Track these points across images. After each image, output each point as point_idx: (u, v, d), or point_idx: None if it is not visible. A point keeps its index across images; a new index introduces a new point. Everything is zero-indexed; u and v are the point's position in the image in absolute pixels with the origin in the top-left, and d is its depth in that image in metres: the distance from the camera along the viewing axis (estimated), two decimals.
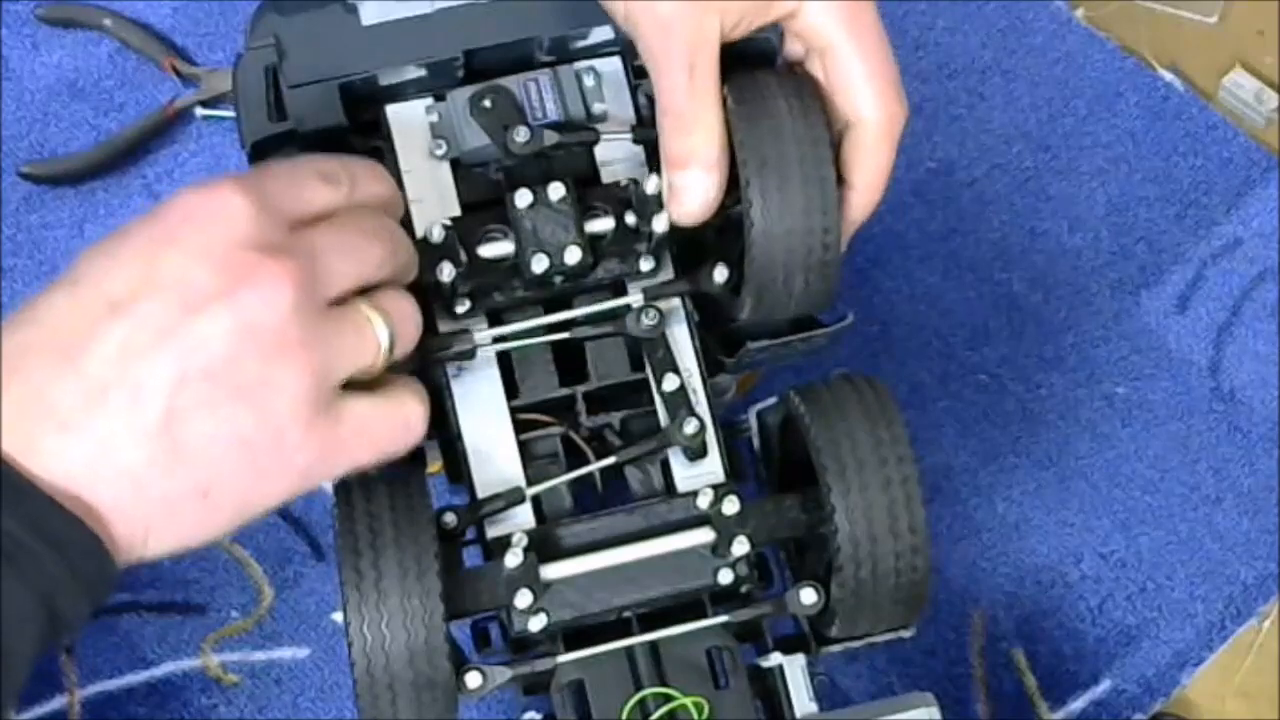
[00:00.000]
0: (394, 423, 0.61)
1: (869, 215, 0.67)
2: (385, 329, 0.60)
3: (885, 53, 0.64)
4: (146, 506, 0.56)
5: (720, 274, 0.67)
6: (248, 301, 0.55)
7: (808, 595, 0.66)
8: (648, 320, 0.67)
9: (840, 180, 0.65)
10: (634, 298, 0.68)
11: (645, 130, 0.68)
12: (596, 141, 0.68)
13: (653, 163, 0.69)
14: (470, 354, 0.67)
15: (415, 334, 0.62)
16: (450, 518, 0.66)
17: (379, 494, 0.63)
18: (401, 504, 0.63)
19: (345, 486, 0.65)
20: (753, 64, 0.66)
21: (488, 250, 0.66)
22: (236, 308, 0.55)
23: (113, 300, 0.55)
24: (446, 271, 0.65)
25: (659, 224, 0.66)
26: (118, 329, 0.55)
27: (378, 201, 0.63)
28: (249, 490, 0.58)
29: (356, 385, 0.60)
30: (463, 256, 0.66)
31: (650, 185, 0.66)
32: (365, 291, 0.60)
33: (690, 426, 0.67)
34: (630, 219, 0.67)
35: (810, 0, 0.64)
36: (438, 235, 0.65)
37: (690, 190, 0.65)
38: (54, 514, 0.54)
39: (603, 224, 0.67)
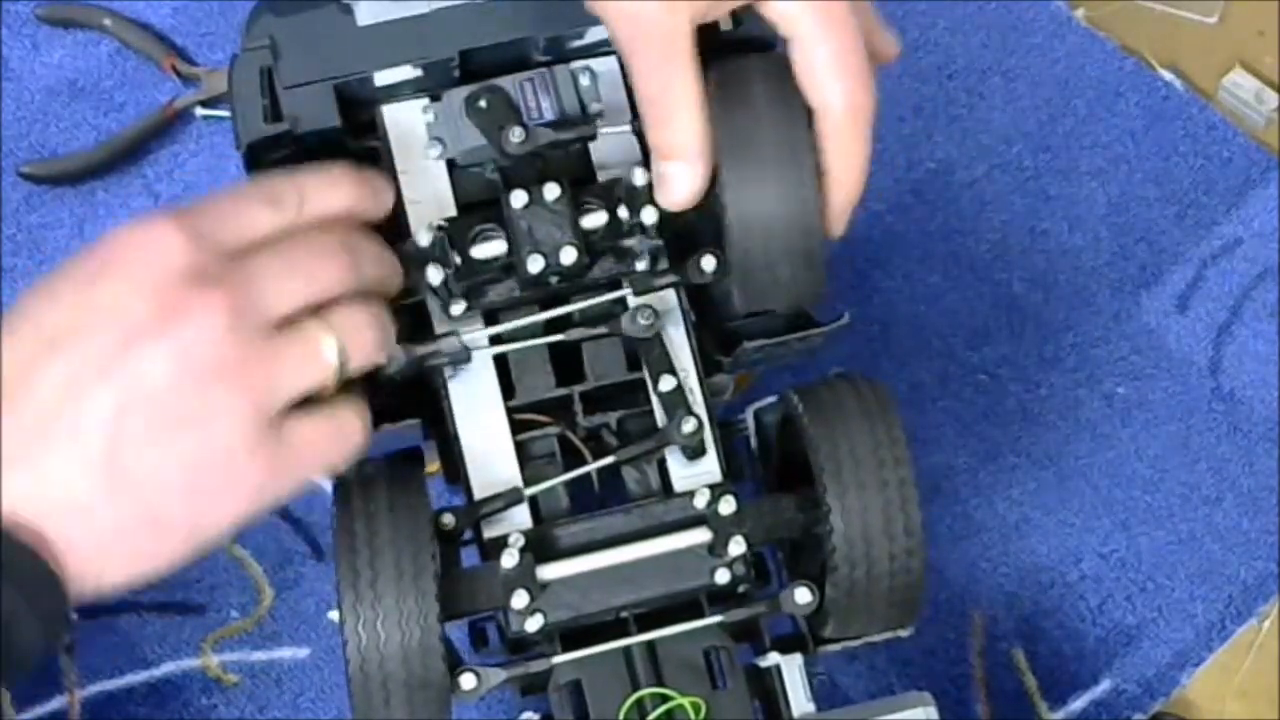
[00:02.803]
0: (336, 439, 0.62)
1: (850, 203, 0.66)
2: (334, 345, 0.60)
3: (852, 42, 0.63)
4: (97, 537, 0.56)
5: (709, 263, 0.67)
6: (183, 331, 0.56)
7: (802, 595, 0.66)
8: (643, 320, 0.67)
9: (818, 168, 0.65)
10: (628, 291, 0.68)
11: (639, 134, 0.68)
12: (593, 138, 0.68)
13: (643, 156, 0.69)
14: (465, 357, 0.67)
15: (376, 347, 0.63)
16: (448, 518, 0.66)
17: (378, 493, 0.64)
18: (400, 504, 0.63)
19: (344, 486, 0.65)
20: (748, 51, 0.66)
21: (480, 251, 0.66)
22: (172, 338, 0.56)
23: (50, 337, 0.56)
24: (435, 275, 0.65)
25: (648, 216, 0.66)
26: (56, 365, 0.56)
27: (337, 213, 0.63)
28: (199, 516, 0.58)
29: (305, 401, 0.60)
30: (455, 258, 0.66)
31: (638, 177, 0.66)
32: (323, 308, 0.61)
33: (689, 425, 0.67)
34: (623, 212, 0.67)
35: None
36: (425, 239, 0.66)
37: (676, 179, 0.65)
38: (7, 546, 0.54)
39: (595, 219, 0.67)
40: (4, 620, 0.54)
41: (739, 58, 0.65)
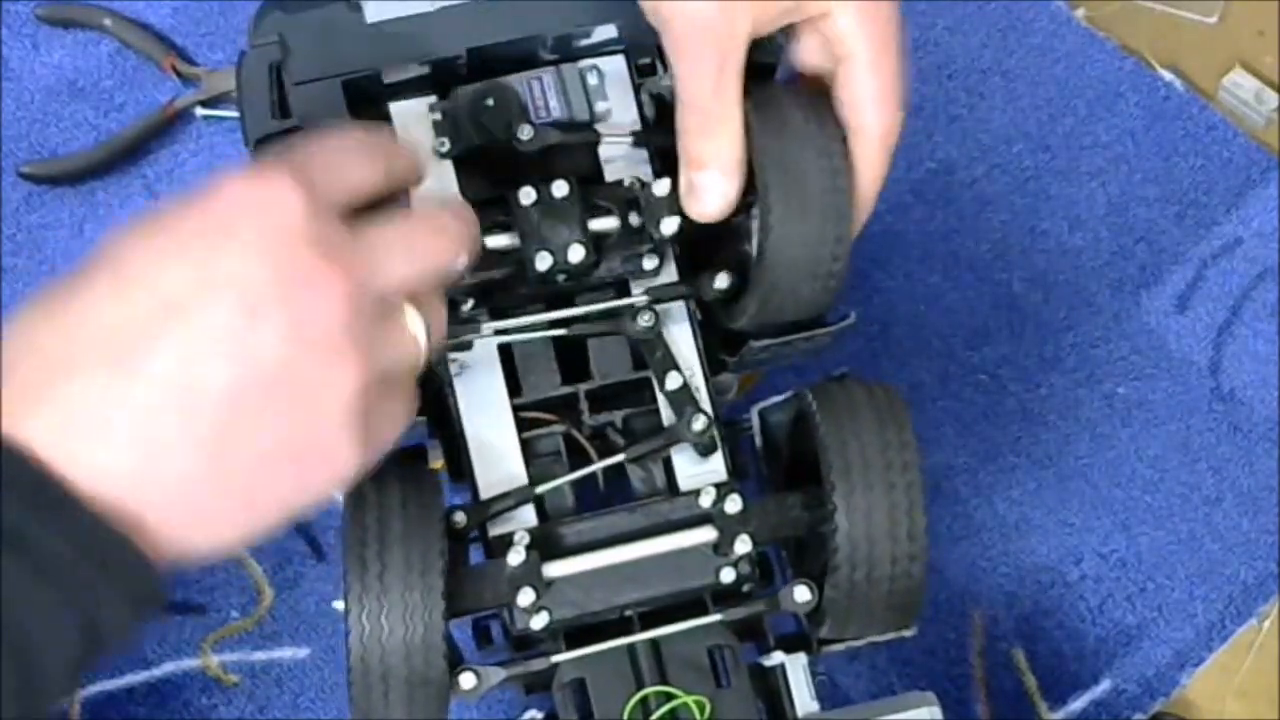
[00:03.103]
0: (406, 417, 0.60)
1: (866, 216, 0.67)
2: (425, 333, 0.58)
3: (900, 66, 0.64)
4: (192, 516, 0.54)
5: (722, 281, 0.67)
6: (305, 304, 0.53)
7: (801, 593, 0.66)
8: (644, 322, 0.67)
9: None
10: (637, 298, 0.68)
11: (647, 134, 0.68)
12: (599, 143, 0.68)
13: (658, 164, 0.69)
14: (468, 345, 0.67)
15: (442, 339, 0.61)
16: (460, 517, 0.65)
17: (391, 488, 0.63)
18: (413, 500, 0.63)
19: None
20: (753, 74, 0.66)
21: (493, 241, 0.66)
22: (294, 311, 0.53)
23: (167, 301, 0.53)
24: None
25: (667, 227, 0.66)
26: (173, 335, 0.52)
27: (410, 176, 0.61)
28: (296, 491, 0.56)
29: None
30: None
31: (659, 188, 0.66)
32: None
33: (699, 423, 0.67)
34: (634, 219, 0.67)
35: (841, 1, 0.63)
36: None
37: (709, 191, 0.64)
38: (99, 530, 0.52)
39: (607, 223, 0.67)
40: (92, 607, 0.52)
41: (762, 81, 0.66)
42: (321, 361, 0.54)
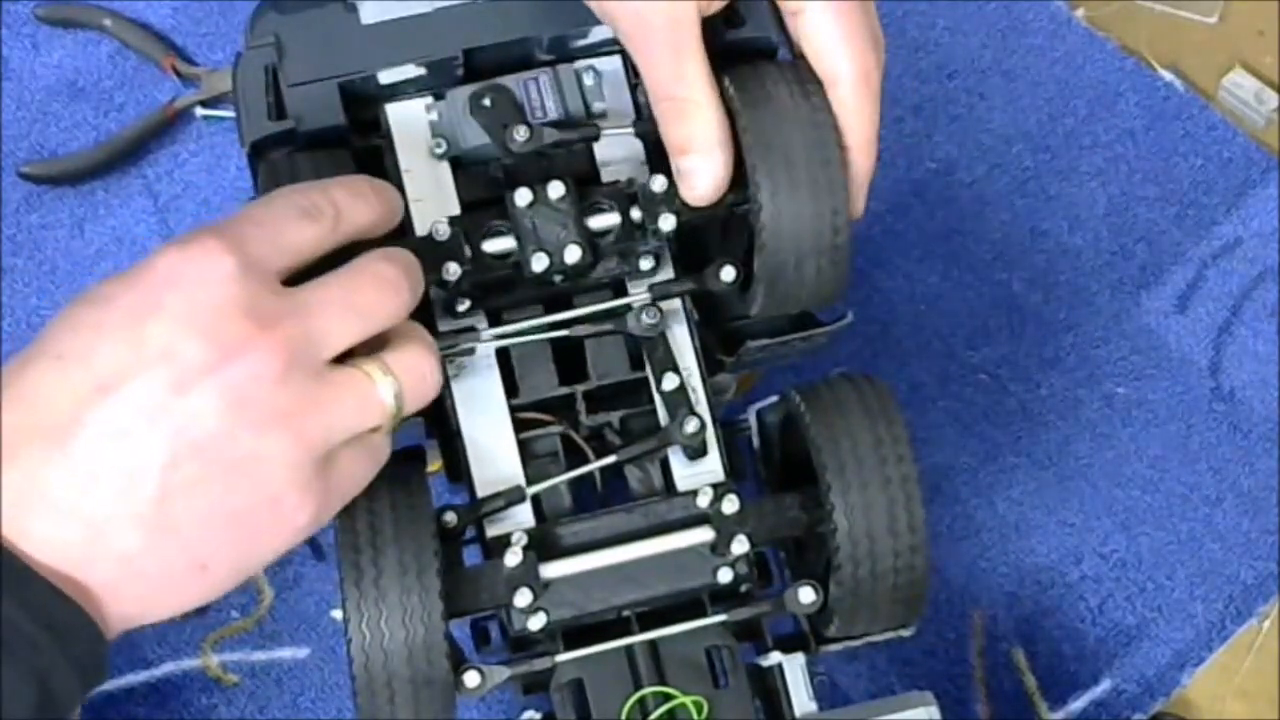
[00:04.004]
0: (372, 466, 0.61)
1: (868, 175, 0.66)
2: (391, 389, 0.58)
3: (860, 8, 0.63)
4: (141, 584, 0.55)
5: (728, 273, 0.67)
6: (238, 375, 0.54)
7: (806, 594, 0.66)
8: (648, 319, 0.67)
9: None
10: (637, 297, 0.68)
11: (646, 124, 0.68)
12: (597, 138, 0.68)
13: (655, 161, 0.69)
14: (470, 351, 0.67)
15: (432, 387, 0.61)
16: (450, 516, 0.65)
17: (380, 492, 0.63)
18: (402, 502, 0.63)
19: None
20: (754, 58, 0.66)
21: (492, 245, 0.66)
22: (226, 382, 0.54)
23: (100, 380, 0.54)
24: (452, 270, 0.65)
25: (665, 223, 0.66)
26: (107, 410, 0.54)
27: (368, 223, 0.61)
28: (246, 556, 0.57)
29: None
30: (467, 253, 0.66)
31: (656, 184, 0.66)
32: (377, 341, 0.59)
33: (691, 425, 0.67)
34: (635, 214, 0.67)
35: None
36: (442, 233, 0.65)
37: (698, 174, 0.64)
38: (51, 599, 0.53)
39: (607, 219, 0.67)
40: (44, 673, 0.52)
41: (754, 63, 0.65)
42: (257, 430, 0.55)
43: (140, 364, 0.54)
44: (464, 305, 0.67)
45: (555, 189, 0.66)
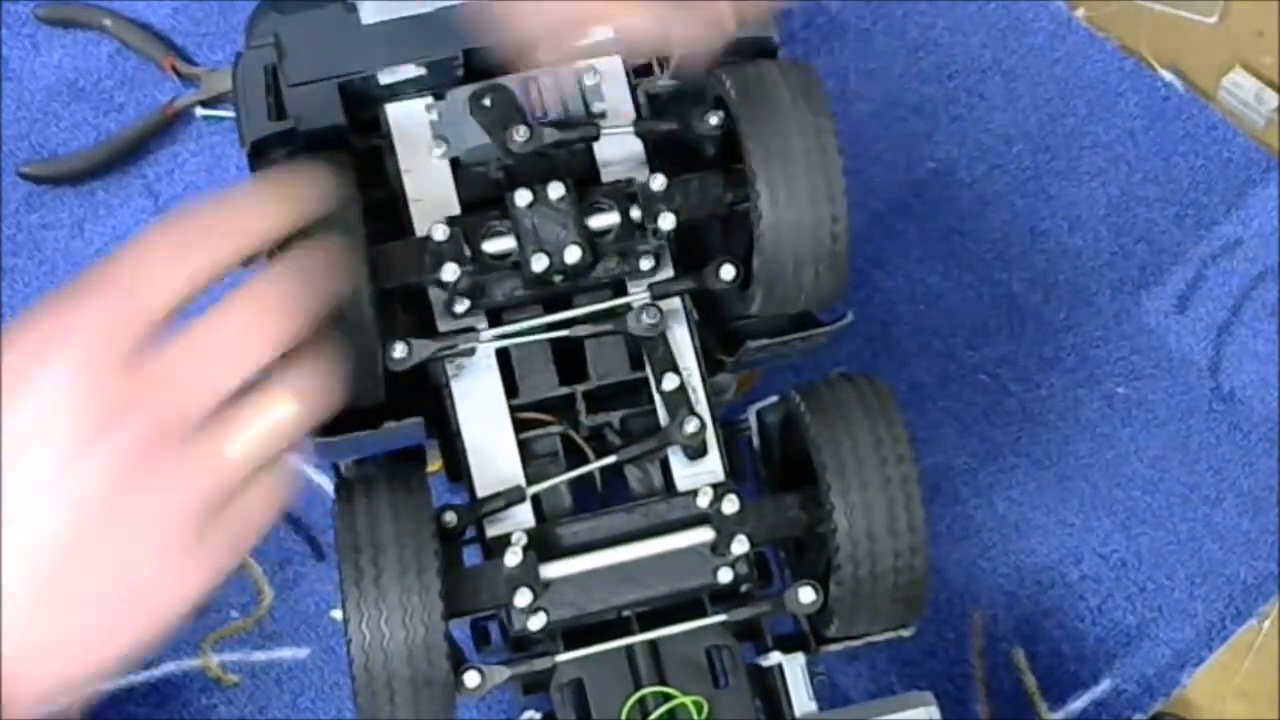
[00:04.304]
0: (271, 505, 0.56)
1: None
2: (279, 424, 0.55)
3: None
4: (27, 655, 0.53)
5: (728, 272, 0.67)
6: (109, 449, 0.52)
7: (806, 594, 0.66)
8: (648, 319, 0.67)
9: None
10: (636, 297, 0.68)
11: (646, 124, 0.68)
12: (597, 137, 0.68)
13: (654, 161, 0.69)
14: (470, 351, 0.67)
15: (327, 402, 0.56)
16: (450, 516, 0.66)
17: (379, 492, 0.63)
18: (402, 502, 0.63)
19: (346, 485, 0.65)
20: (754, 57, 0.66)
21: (492, 245, 0.66)
22: (99, 457, 0.52)
23: None
24: (450, 271, 0.65)
25: (665, 222, 0.66)
26: None
27: (269, 239, 0.57)
28: (140, 623, 0.55)
29: None
30: (466, 253, 0.66)
31: (656, 184, 0.66)
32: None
33: (690, 426, 0.67)
34: (635, 214, 0.67)
35: None
36: (441, 234, 0.65)
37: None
38: None
39: (607, 219, 0.67)
40: None
41: (753, 63, 0.65)
42: (142, 498, 0.53)
43: (16, 446, 0.52)
44: (463, 305, 0.67)
45: (555, 189, 0.66)
